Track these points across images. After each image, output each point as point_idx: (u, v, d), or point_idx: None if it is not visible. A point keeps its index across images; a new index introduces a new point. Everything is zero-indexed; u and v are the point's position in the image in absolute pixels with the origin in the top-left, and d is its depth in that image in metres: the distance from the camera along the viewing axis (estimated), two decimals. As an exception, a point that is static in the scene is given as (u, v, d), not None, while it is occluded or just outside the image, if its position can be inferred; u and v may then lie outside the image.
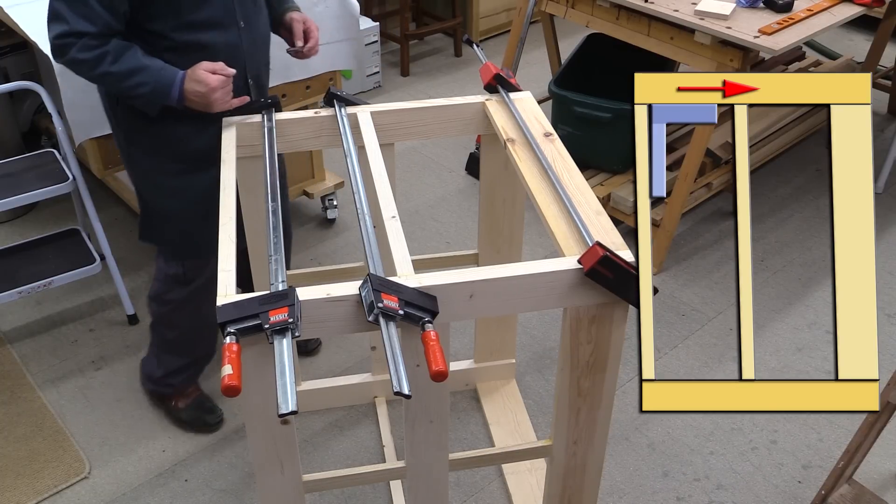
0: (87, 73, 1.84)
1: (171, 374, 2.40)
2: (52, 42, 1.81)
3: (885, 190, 3.53)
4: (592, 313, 1.54)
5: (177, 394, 2.44)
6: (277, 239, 1.52)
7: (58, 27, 1.80)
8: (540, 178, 1.72)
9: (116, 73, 1.82)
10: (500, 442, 2.38)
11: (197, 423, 2.43)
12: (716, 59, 2.72)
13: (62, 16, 1.78)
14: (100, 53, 1.81)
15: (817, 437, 2.42)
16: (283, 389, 1.20)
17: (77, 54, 1.81)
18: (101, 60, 1.82)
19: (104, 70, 1.82)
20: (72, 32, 1.79)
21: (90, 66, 1.82)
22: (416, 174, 3.67)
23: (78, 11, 1.77)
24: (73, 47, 1.80)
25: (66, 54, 1.82)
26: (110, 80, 1.85)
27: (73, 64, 1.84)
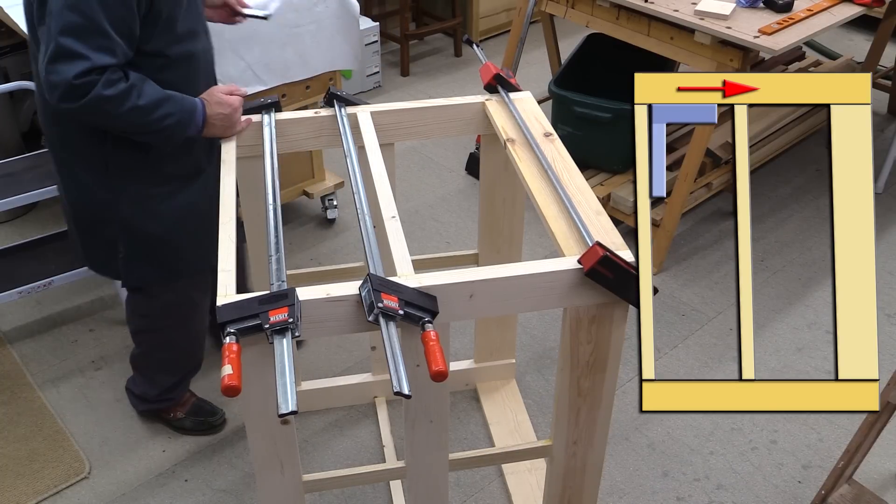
0: (114, 111, 1.68)
1: (167, 391, 2.38)
2: (72, 83, 1.61)
3: (885, 190, 3.53)
4: (592, 313, 1.54)
5: (174, 405, 2.42)
6: (278, 239, 1.52)
7: (76, 66, 1.61)
8: (540, 178, 1.72)
9: (144, 106, 1.70)
10: (500, 442, 2.38)
11: (201, 427, 2.43)
12: (716, 59, 2.72)
13: (77, 53, 1.61)
14: (126, 88, 1.67)
15: (817, 437, 2.43)
16: (283, 389, 1.20)
17: (103, 91, 1.64)
18: (128, 95, 1.68)
19: (132, 105, 1.68)
20: (94, 68, 1.62)
21: (118, 103, 1.67)
22: (416, 174, 3.67)
23: (96, 44, 1.62)
24: (96, 85, 1.63)
25: (88, 94, 1.63)
26: (136, 116, 1.71)
27: (99, 103, 1.65)
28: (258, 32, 2.64)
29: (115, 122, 1.73)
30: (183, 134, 1.80)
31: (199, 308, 2.26)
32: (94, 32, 1.62)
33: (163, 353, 2.32)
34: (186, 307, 2.21)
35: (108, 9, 1.62)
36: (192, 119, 1.79)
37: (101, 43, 1.63)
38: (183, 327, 2.26)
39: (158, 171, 1.93)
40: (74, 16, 1.60)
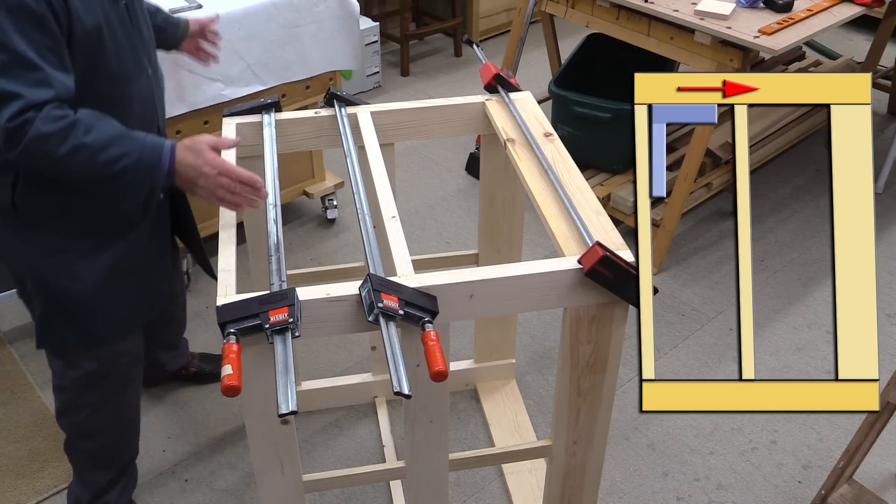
0: (55, 151, 1.43)
1: (101, 493, 2.05)
2: (6, 128, 1.40)
3: (885, 190, 3.53)
4: (592, 313, 1.54)
5: None
6: (278, 239, 1.52)
7: (8, 107, 1.39)
8: (540, 178, 1.72)
9: (91, 144, 1.45)
10: (500, 442, 2.38)
11: None
12: (716, 59, 2.72)
13: (9, 92, 1.39)
14: (69, 123, 1.44)
15: (817, 437, 2.42)
16: (283, 389, 1.20)
17: (42, 127, 1.41)
18: (71, 131, 1.44)
19: (76, 143, 1.43)
20: (29, 106, 1.40)
21: (58, 141, 1.42)
22: (416, 174, 3.67)
23: (28, 80, 1.40)
24: (33, 123, 1.40)
25: (25, 134, 1.40)
26: (82, 157, 1.45)
27: (37, 142, 1.41)
28: (258, 32, 2.64)
29: (61, 166, 1.46)
30: (147, 179, 1.53)
31: (130, 382, 1.96)
32: (21, 66, 1.40)
33: (88, 441, 1.97)
34: (114, 380, 1.90)
35: (29, 38, 1.40)
36: (156, 160, 1.51)
37: (32, 77, 1.41)
38: (110, 406, 1.93)
39: (79, 221, 1.68)
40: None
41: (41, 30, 1.41)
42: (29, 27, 1.39)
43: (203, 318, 2.83)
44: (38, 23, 1.40)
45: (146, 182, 1.57)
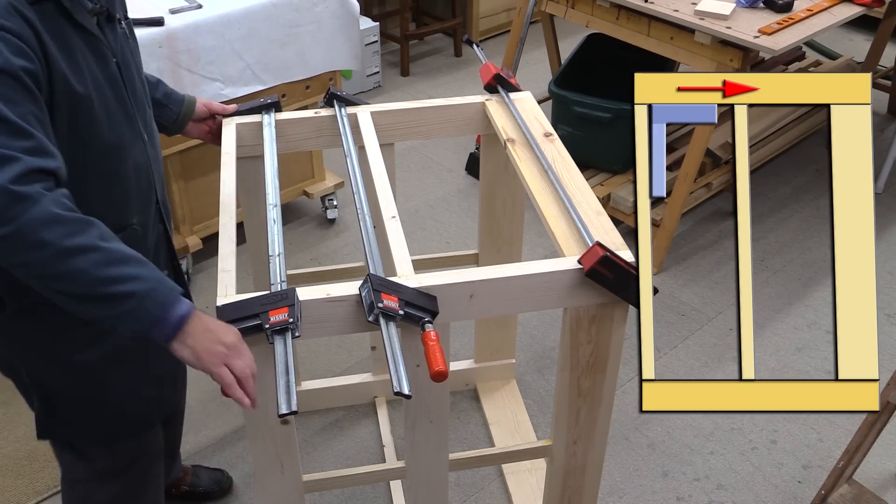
0: (58, 242, 1.15)
1: None
2: (9, 189, 1.12)
3: (885, 190, 3.53)
4: (592, 313, 1.54)
5: None
6: (278, 239, 1.52)
7: (10, 167, 1.12)
8: (540, 178, 1.72)
9: (106, 250, 1.19)
10: (500, 442, 2.38)
11: None
12: (716, 59, 2.72)
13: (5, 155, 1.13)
14: (85, 219, 1.20)
15: (817, 437, 2.42)
16: (284, 389, 1.21)
17: (52, 207, 1.15)
18: (87, 227, 1.19)
19: (88, 242, 1.17)
20: (33, 170, 1.15)
21: (68, 230, 1.16)
22: (416, 174, 3.67)
23: (22, 147, 1.15)
24: (42, 198, 1.14)
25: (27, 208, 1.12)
26: (87, 262, 1.17)
27: (41, 223, 1.13)
28: (258, 32, 2.64)
29: (50, 265, 1.16)
30: (153, 320, 1.23)
31: (151, 481, 1.75)
32: (12, 133, 1.15)
33: None
34: (131, 478, 1.69)
35: (15, 105, 1.17)
36: (172, 301, 1.24)
37: (25, 145, 1.16)
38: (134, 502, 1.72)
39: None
40: None
41: (29, 97, 1.19)
42: (13, 91, 1.17)
43: (203, 318, 2.83)
44: (25, 89, 1.19)
45: (142, 320, 1.22)
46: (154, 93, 1.73)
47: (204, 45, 2.54)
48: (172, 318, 1.24)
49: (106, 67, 1.37)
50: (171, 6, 2.53)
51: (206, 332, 1.26)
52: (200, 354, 1.26)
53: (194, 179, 2.84)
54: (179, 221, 2.88)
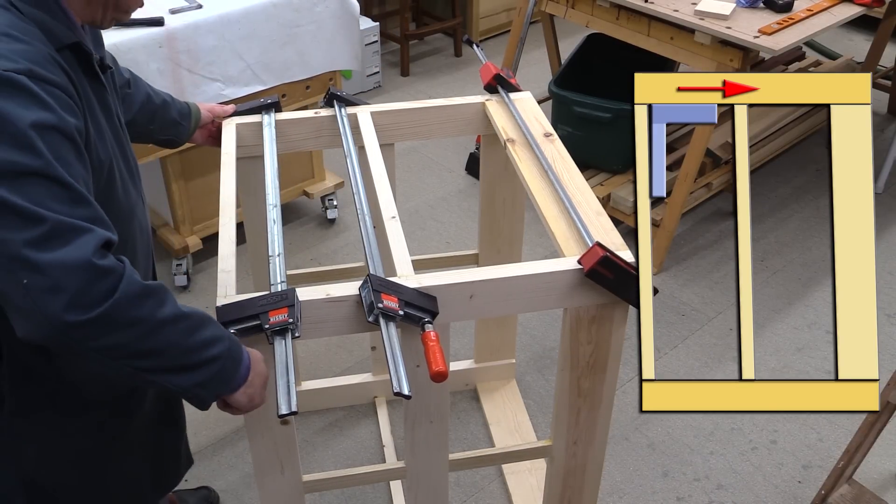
0: (152, 315, 1.08)
1: None
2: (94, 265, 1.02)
3: (885, 190, 3.53)
4: (592, 313, 1.54)
5: None
6: (278, 239, 1.52)
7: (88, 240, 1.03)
8: (540, 178, 1.72)
9: (190, 315, 1.14)
10: (500, 442, 2.38)
11: None
12: (716, 59, 2.72)
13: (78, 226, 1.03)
14: (161, 284, 1.13)
15: (817, 437, 2.42)
16: (283, 390, 1.20)
17: (138, 278, 1.08)
18: (165, 293, 1.12)
19: (176, 311, 1.12)
20: (107, 240, 1.06)
21: (158, 300, 1.10)
22: (416, 174, 3.67)
23: (86, 214, 1.06)
24: (124, 270, 1.07)
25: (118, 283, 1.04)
26: (177, 333, 1.12)
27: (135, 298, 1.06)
28: (258, 32, 2.64)
29: (141, 342, 1.09)
30: (231, 377, 1.21)
31: None
32: (73, 200, 1.05)
33: None
34: None
35: (67, 164, 1.06)
36: (241, 355, 1.23)
37: (87, 213, 1.06)
38: None
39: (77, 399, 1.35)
40: (36, 182, 1.02)
41: (80, 159, 1.11)
42: (67, 151, 1.08)
43: (203, 318, 2.83)
44: (77, 150, 1.10)
45: (228, 384, 1.20)
46: (169, 113, 1.72)
47: (204, 45, 2.54)
48: (243, 371, 1.24)
49: (112, 122, 1.31)
50: (171, 6, 2.53)
51: (258, 376, 1.28)
52: (254, 400, 1.28)
53: (194, 179, 2.84)
54: (179, 221, 2.88)
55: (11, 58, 1.07)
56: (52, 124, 1.06)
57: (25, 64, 1.07)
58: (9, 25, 1.11)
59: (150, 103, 1.68)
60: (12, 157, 1.01)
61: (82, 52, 1.22)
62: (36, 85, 1.06)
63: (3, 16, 1.12)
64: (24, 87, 1.05)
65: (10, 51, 1.07)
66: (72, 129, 1.09)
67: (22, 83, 1.05)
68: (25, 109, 1.04)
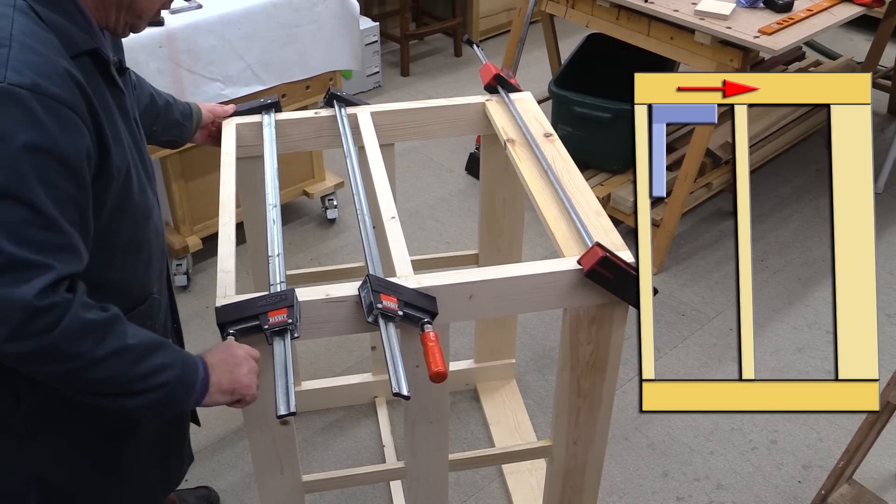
0: (93, 351, 1.11)
1: None
2: (35, 307, 1.05)
3: (885, 190, 3.53)
4: (592, 314, 1.54)
5: None
6: (278, 239, 1.52)
7: (36, 281, 1.05)
8: (540, 178, 1.72)
9: (136, 347, 1.17)
10: (500, 442, 2.38)
11: None
12: (716, 59, 2.72)
13: (33, 261, 1.05)
14: (111, 317, 1.15)
15: (817, 437, 2.42)
16: (282, 391, 1.20)
17: (84, 314, 1.10)
18: (112, 326, 1.15)
19: (119, 343, 1.14)
20: (61, 279, 1.08)
21: (99, 336, 1.12)
22: (416, 174, 3.67)
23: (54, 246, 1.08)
24: (70, 306, 1.09)
25: (59, 319, 1.07)
26: (121, 364, 1.15)
27: (75, 334, 1.09)
28: (258, 32, 2.64)
29: (85, 373, 1.13)
30: (183, 399, 1.24)
31: None
32: (43, 226, 1.07)
33: None
34: None
35: (51, 187, 1.07)
36: (195, 376, 1.24)
37: (55, 241, 1.08)
38: None
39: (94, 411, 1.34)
40: (9, 206, 1.04)
41: (72, 179, 1.10)
42: (54, 174, 1.08)
43: (203, 317, 2.83)
44: (69, 169, 1.10)
45: (179, 404, 1.23)
46: (172, 114, 1.72)
47: (204, 45, 2.54)
48: (198, 388, 1.25)
49: (129, 125, 1.31)
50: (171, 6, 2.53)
51: (219, 367, 1.28)
52: (230, 388, 1.28)
53: (194, 179, 2.84)
54: (179, 221, 2.88)
55: (19, 69, 1.06)
56: (43, 147, 1.06)
57: (32, 77, 1.06)
58: (25, 33, 1.10)
59: (154, 105, 1.68)
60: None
61: (100, 58, 1.21)
62: (37, 101, 1.06)
63: (22, 21, 1.11)
64: (24, 103, 1.05)
65: (21, 62, 1.06)
66: (66, 150, 1.09)
67: (23, 99, 1.05)
68: (19, 128, 1.04)
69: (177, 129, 1.75)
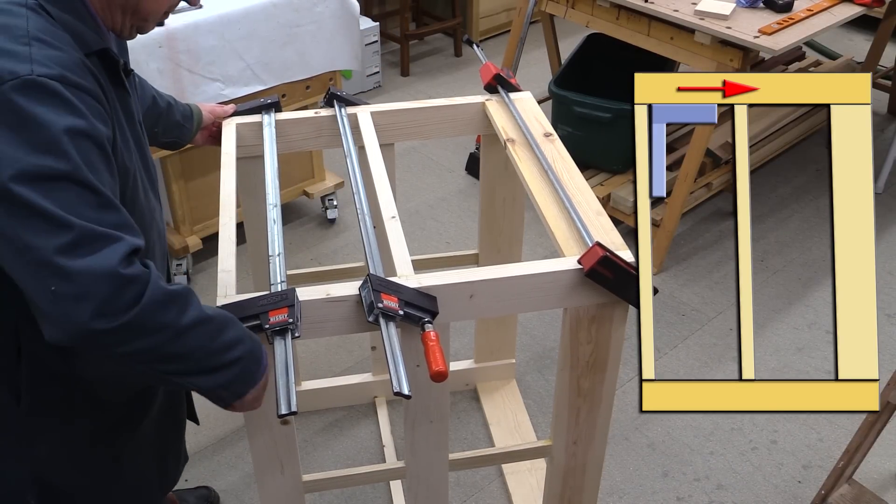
0: (178, 320, 1.11)
1: None
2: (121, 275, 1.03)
3: (885, 190, 3.53)
4: (592, 313, 1.54)
5: None
6: (278, 239, 1.52)
7: (115, 249, 1.04)
8: (540, 178, 1.72)
9: (214, 318, 1.17)
10: (500, 442, 2.38)
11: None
12: (716, 59, 2.72)
13: (105, 234, 1.04)
14: (185, 287, 1.15)
15: (817, 437, 2.42)
16: (283, 390, 1.20)
17: (163, 284, 1.10)
18: (190, 295, 1.14)
19: (200, 314, 1.14)
20: (134, 248, 1.07)
21: (182, 305, 1.12)
22: (416, 174, 3.67)
23: (117, 221, 1.08)
24: (150, 276, 1.08)
25: (144, 289, 1.06)
26: (202, 336, 1.14)
27: (160, 304, 1.08)
28: (258, 32, 2.64)
29: (169, 346, 1.11)
30: (255, 375, 1.24)
31: None
32: (103, 205, 1.07)
33: None
34: None
35: (96, 171, 1.08)
36: (261, 352, 1.26)
37: (116, 219, 1.08)
38: None
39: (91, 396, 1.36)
40: (73, 187, 1.04)
41: (108, 166, 1.12)
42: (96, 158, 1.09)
43: (203, 318, 2.83)
44: (104, 151, 1.11)
45: (251, 382, 1.22)
46: (173, 116, 1.72)
47: (204, 45, 2.54)
48: (262, 368, 1.26)
49: (133, 128, 1.31)
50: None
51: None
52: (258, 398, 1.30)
53: (194, 179, 2.84)
54: (179, 221, 2.88)
55: (45, 63, 1.07)
56: (83, 130, 1.07)
57: (58, 70, 1.08)
58: (41, 30, 1.11)
59: (156, 106, 1.69)
60: (44, 162, 1.02)
61: (109, 58, 1.22)
62: (68, 91, 1.08)
63: (36, 20, 1.12)
64: (57, 92, 1.06)
65: (44, 56, 1.08)
66: (101, 135, 1.11)
67: (55, 89, 1.06)
68: (58, 115, 1.05)
69: (178, 130, 1.76)
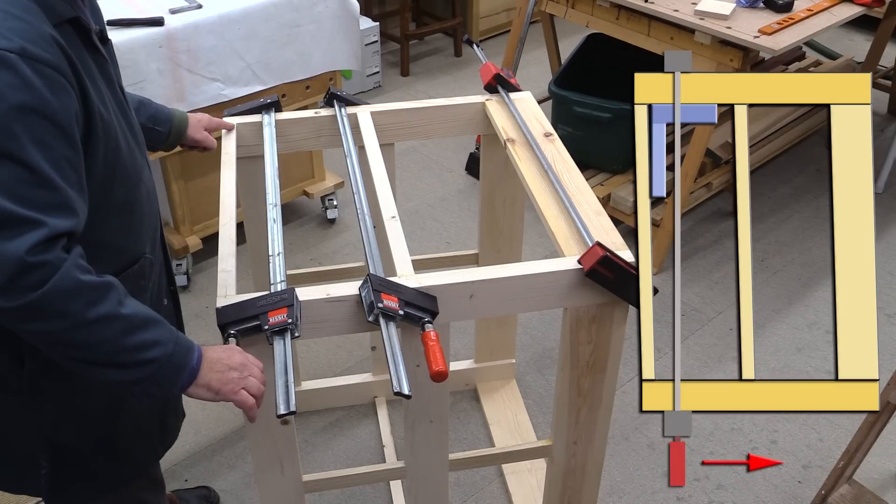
0: (83, 313, 1.11)
1: None
2: (25, 262, 1.05)
3: (885, 190, 3.53)
4: (592, 313, 1.54)
5: None
6: (278, 239, 1.52)
7: (28, 236, 1.06)
8: (540, 178, 1.72)
9: (128, 318, 1.16)
10: (500, 442, 2.38)
11: None
12: (716, 59, 2.72)
13: (22, 217, 1.06)
14: (105, 283, 1.15)
15: (817, 437, 2.42)
16: (283, 390, 1.21)
17: (76, 274, 1.11)
18: (107, 293, 1.15)
19: (111, 310, 1.14)
20: (55, 236, 1.09)
21: (91, 299, 1.12)
22: (416, 174, 3.67)
23: (47, 203, 1.09)
24: (62, 264, 1.09)
25: (50, 276, 1.07)
26: (111, 332, 1.15)
27: (65, 293, 1.09)
28: (258, 32, 2.64)
29: (75, 336, 1.13)
30: (171, 381, 1.23)
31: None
32: (38, 185, 1.08)
33: None
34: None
35: (47, 149, 1.09)
36: (186, 359, 1.24)
37: (49, 199, 1.09)
38: None
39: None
40: (3, 165, 1.06)
41: (64, 138, 1.12)
42: (48, 134, 1.09)
43: (203, 317, 2.83)
44: (60, 129, 1.11)
45: (165, 386, 1.22)
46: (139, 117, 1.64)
47: (204, 45, 2.54)
48: (187, 372, 1.24)
49: (114, 91, 1.32)
50: (171, 6, 2.53)
51: (214, 365, 1.27)
52: (217, 388, 1.27)
53: (194, 179, 2.84)
54: (179, 221, 2.88)
55: (6, 35, 1.08)
56: (34, 107, 1.08)
57: (19, 42, 1.08)
58: (7, 1, 1.12)
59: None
60: None
61: (81, 26, 1.23)
62: (27, 65, 1.08)
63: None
64: (13, 66, 1.07)
65: (6, 28, 1.09)
66: (57, 111, 1.11)
67: (12, 62, 1.07)
68: (11, 90, 1.06)
69: (146, 132, 1.66)
